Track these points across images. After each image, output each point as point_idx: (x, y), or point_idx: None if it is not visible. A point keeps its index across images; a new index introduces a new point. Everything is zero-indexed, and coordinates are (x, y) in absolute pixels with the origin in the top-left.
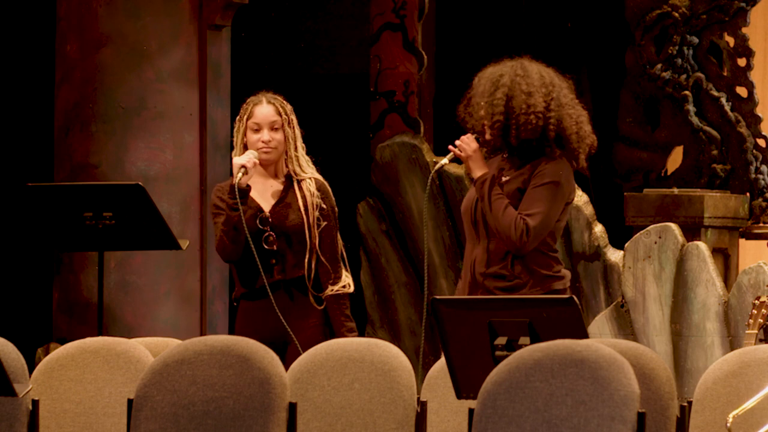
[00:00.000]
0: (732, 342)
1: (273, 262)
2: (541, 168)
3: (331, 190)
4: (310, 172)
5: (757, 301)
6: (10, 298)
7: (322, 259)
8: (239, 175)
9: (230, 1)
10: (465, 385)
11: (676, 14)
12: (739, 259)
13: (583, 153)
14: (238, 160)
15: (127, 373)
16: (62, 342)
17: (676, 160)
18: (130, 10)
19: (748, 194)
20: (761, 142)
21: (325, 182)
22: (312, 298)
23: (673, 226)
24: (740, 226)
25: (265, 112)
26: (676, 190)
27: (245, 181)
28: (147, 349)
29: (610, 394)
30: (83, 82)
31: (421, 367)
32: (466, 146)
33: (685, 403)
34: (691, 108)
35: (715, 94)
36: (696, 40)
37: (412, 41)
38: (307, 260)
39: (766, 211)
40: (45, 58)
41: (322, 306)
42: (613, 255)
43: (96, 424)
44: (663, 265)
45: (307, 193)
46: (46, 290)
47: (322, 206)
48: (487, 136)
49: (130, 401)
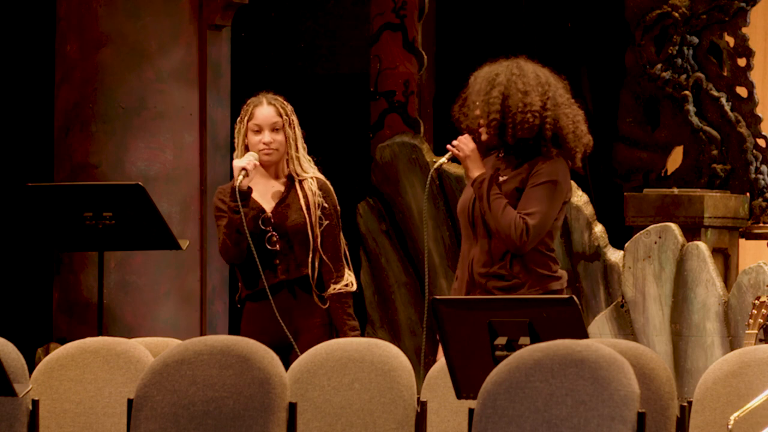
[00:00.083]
0: (732, 342)
1: (276, 263)
2: (539, 167)
3: (333, 189)
4: (312, 172)
5: (757, 301)
6: (10, 298)
7: (325, 258)
8: (240, 178)
9: (230, 1)
10: (465, 385)
11: (676, 14)
12: (739, 259)
13: (580, 152)
14: (239, 163)
15: (127, 373)
16: (62, 342)
17: (676, 160)
18: (130, 10)
19: (748, 194)
20: (761, 142)
21: (326, 181)
22: (316, 298)
23: (673, 226)
24: (740, 226)
25: (266, 113)
26: (676, 190)
27: (246, 184)
28: (147, 349)
29: (610, 394)
30: (83, 82)
31: (422, 367)
32: (464, 146)
33: (685, 403)
34: (691, 108)
35: (715, 94)
36: (696, 40)
37: (412, 41)
38: (310, 259)
39: (766, 211)
40: (45, 58)
41: (327, 305)
42: (613, 255)
43: (96, 424)
44: (663, 265)
45: (309, 193)
46: (46, 290)
47: (324, 205)
48: (483, 137)
49: (130, 401)
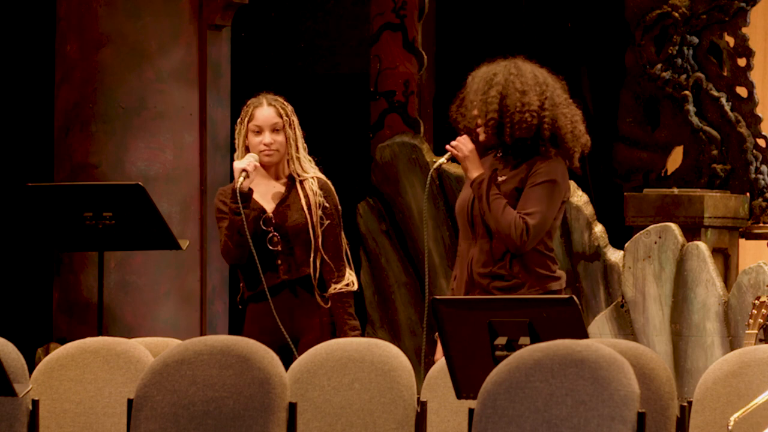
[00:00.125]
0: (732, 342)
1: (278, 263)
2: (537, 167)
3: (333, 188)
4: (313, 172)
5: (757, 301)
6: (10, 298)
7: (326, 258)
8: (240, 179)
9: (230, 1)
10: (465, 385)
11: (676, 14)
12: (739, 259)
13: (578, 152)
14: (239, 164)
15: (127, 373)
16: (62, 342)
17: (676, 160)
18: (130, 10)
19: (748, 194)
20: (761, 142)
21: (327, 181)
22: (318, 297)
23: (673, 226)
24: (740, 226)
25: (266, 114)
26: (676, 190)
27: (247, 185)
28: (147, 349)
29: (610, 394)
30: (83, 82)
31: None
32: (463, 147)
33: (685, 403)
34: (691, 108)
35: (715, 94)
36: (696, 40)
37: (412, 41)
38: (311, 259)
39: (766, 211)
40: (45, 58)
41: (329, 304)
42: (613, 255)
43: (96, 424)
44: (663, 265)
45: (310, 193)
46: (46, 290)
47: (325, 205)
48: (481, 137)
49: (130, 401)
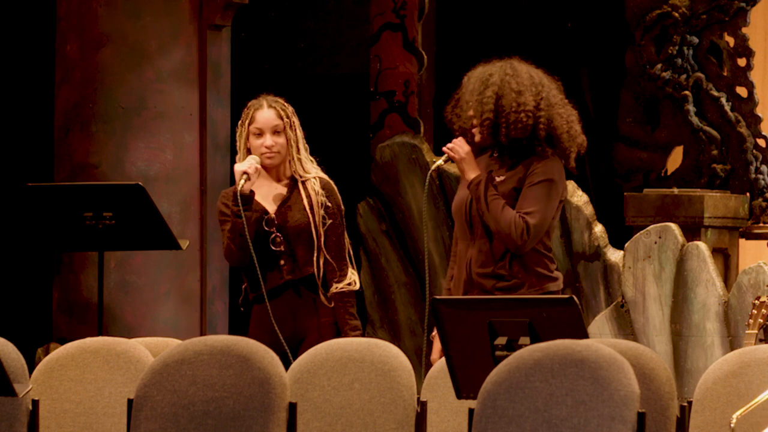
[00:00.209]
0: (732, 342)
1: (281, 263)
2: (534, 167)
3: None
4: (314, 172)
5: (757, 301)
6: (10, 298)
7: (328, 257)
8: (242, 182)
9: (230, 1)
10: (465, 385)
11: (676, 14)
12: (739, 259)
13: (574, 152)
14: (240, 167)
15: (127, 373)
16: (62, 342)
17: (676, 160)
18: (130, 10)
19: (748, 194)
20: (761, 142)
21: (330, 181)
22: (322, 297)
23: (673, 226)
24: (740, 226)
25: (267, 116)
26: (676, 190)
27: (248, 188)
28: (147, 349)
29: (610, 394)
30: (83, 82)
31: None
32: (459, 148)
33: (685, 403)
34: (691, 108)
35: (715, 94)
36: (696, 40)
37: (412, 41)
38: (315, 259)
39: (766, 211)
40: (45, 58)
41: (333, 304)
42: (613, 255)
43: (96, 424)
44: (663, 265)
45: (312, 193)
46: (46, 290)
47: (327, 204)
48: (477, 137)
49: (130, 401)
